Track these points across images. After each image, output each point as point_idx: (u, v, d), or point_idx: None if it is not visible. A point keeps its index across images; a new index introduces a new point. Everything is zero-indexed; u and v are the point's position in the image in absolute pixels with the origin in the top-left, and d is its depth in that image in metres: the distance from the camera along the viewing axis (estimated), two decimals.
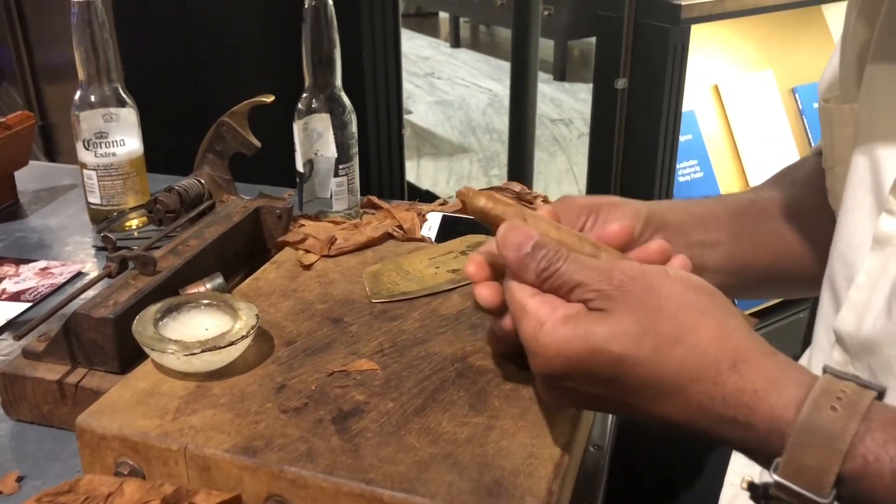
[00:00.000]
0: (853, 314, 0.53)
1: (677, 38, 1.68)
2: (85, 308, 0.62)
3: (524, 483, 0.48)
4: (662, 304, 0.45)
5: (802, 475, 0.40)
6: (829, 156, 0.62)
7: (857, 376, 0.43)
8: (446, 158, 3.67)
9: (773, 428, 0.42)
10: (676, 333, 0.44)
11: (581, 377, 0.46)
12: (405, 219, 0.83)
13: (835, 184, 0.61)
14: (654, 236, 0.61)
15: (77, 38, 0.88)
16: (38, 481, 0.57)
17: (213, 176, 0.89)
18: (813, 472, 0.40)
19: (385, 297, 0.68)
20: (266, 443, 0.51)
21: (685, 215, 0.65)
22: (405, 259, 0.75)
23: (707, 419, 0.44)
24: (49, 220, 1.00)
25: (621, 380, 0.45)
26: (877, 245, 0.51)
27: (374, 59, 1.85)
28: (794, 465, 0.41)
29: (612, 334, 0.45)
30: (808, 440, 0.40)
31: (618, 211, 0.60)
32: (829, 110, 0.60)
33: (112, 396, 0.55)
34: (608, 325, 0.45)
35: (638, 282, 0.46)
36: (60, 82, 2.04)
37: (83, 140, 0.91)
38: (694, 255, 0.62)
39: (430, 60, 5.20)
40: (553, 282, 0.48)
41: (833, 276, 0.57)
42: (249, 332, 0.58)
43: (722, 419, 0.43)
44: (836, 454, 0.40)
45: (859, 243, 0.53)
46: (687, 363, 0.44)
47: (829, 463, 0.40)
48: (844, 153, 0.58)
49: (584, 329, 0.45)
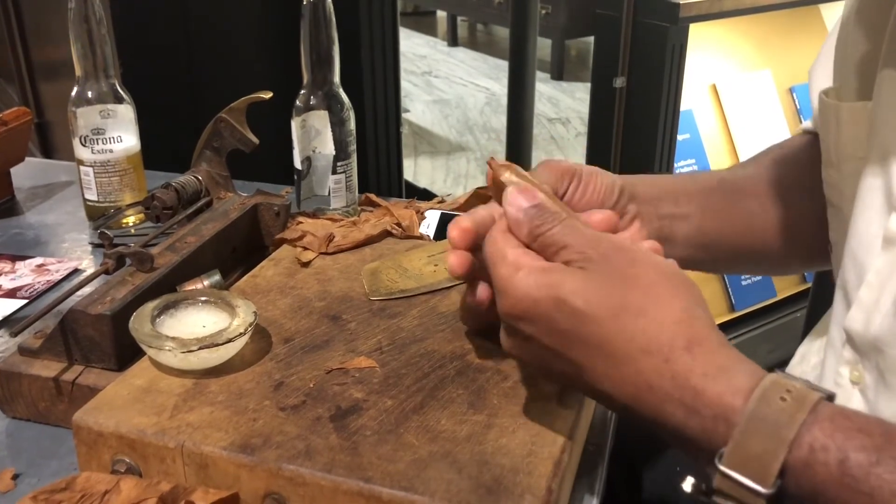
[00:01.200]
0: (862, 313, 0.53)
1: (675, 37, 1.68)
2: (82, 304, 0.61)
3: (523, 481, 0.47)
4: (639, 277, 0.46)
5: (748, 465, 0.40)
6: (832, 152, 0.61)
7: (808, 381, 0.43)
8: (443, 157, 3.66)
9: (719, 415, 0.42)
10: (642, 305, 0.45)
11: (541, 323, 0.47)
12: (404, 216, 0.83)
13: (840, 181, 0.61)
14: (627, 206, 0.62)
15: (74, 34, 0.88)
16: (34, 479, 0.57)
17: (210, 173, 0.89)
18: (759, 460, 0.40)
19: (383, 295, 0.68)
20: (264, 440, 0.50)
21: (657, 188, 0.66)
22: (404, 256, 0.75)
23: (653, 396, 0.44)
24: (45, 216, 0.99)
25: (577, 335, 0.45)
26: (887, 245, 0.51)
27: (373, 57, 1.85)
28: (739, 454, 0.40)
29: (580, 289, 0.46)
30: (755, 427, 0.40)
31: (596, 178, 0.61)
32: (837, 107, 0.59)
33: (109, 393, 0.55)
34: (579, 282, 0.46)
35: (623, 254, 0.47)
36: (57, 79, 2.03)
37: (80, 136, 0.91)
38: (664, 226, 0.64)
39: (427, 59, 5.20)
40: (543, 240, 0.49)
41: (845, 274, 0.57)
42: (247, 329, 0.58)
43: (668, 398, 0.43)
44: (782, 443, 0.39)
45: (870, 243, 0.53)
46: (644, 334, 0.44)
47: (776, 451, 0.39)
48: (854, 151, 0.58)
49: (556, 279, 0.46)
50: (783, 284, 2.24)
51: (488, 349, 0.60)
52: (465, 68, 4.99)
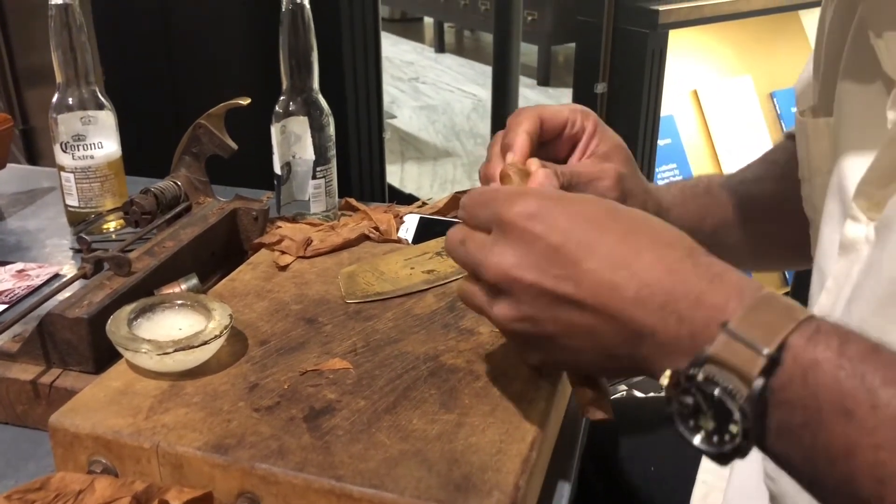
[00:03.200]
0: None
1: (655, 42, 1.70)
2: (59, 308, 0.62)
3: (492, 478, 0.48)
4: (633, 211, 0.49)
5: (752, 330, 0.39)
6: (805, 167, 0.63)
7: None
8: (430, 163, 3.67)
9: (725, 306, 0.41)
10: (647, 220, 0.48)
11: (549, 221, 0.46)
12: (382, 220, 0.84)
13: (812, 194, 0.62)
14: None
15: (55, 41, 0.88)
16: (12, 481, 0.57)
17: (189, 178, 0.89)
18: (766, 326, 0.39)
19: (359, 298, 0.69)
20: (238, 441, 0.51)
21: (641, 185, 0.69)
22: (381, 260, 0.76)
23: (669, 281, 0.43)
24: (27, 222, 1.00)
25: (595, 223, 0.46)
26: (843, 251, 0.53)
27: (355, 62, 1.85)
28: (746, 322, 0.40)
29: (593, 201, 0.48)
30: (766, 303, 0.40)
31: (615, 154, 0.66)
32: (805, 123, 0.62)
33: (85, 396, 0.55)
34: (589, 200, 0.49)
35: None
36: (42, 86, 2.03)
37: (61, 143, 0.91)
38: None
39: (414, 65, 5.21)
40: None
41: (812, 284, 0.59)
42: (223, 331, 0.58)
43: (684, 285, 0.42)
44: (791, 318, 0.39)
45: (830, 251, 0.55)
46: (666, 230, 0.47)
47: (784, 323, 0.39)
48: (821, 165, 0.60)
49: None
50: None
51: (461, 350, 0.61)
52: (452, 74, 5.01)
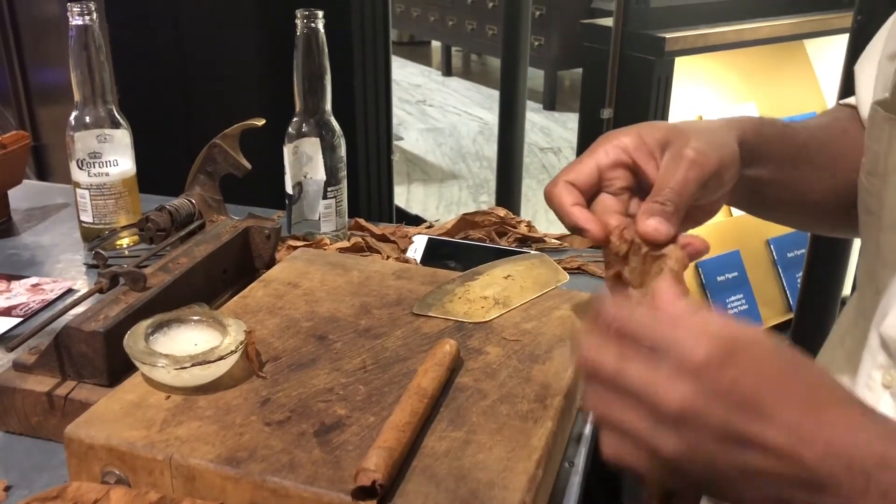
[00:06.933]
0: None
1: (661, 69, 1.72)
2: (76, 322, 0.63)
3: (499, 495, 0.49)
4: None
5: None
6: (880, 162, 0.61)
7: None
8: (436, 185, 3.70)
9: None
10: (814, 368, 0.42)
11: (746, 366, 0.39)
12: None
13: (884, 191, 0.61)
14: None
15: (74, 61, 0.90)
16: (26, 491, 0.58)
17: (203, 196, 0.91)
18: None
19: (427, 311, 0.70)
20: (249, 454, 0.52)
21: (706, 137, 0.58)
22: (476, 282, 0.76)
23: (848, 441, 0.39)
24: (41, 237, 1.01)
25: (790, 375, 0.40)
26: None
27: (365, 85, 1.88)
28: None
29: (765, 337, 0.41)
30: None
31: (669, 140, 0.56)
32: (891, 121, 0.59)
33: (100, 408, 0.57)
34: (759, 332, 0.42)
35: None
36: (53, 104, 2.06)
37: (77, 160, 0.93)
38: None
39: (422, 88, 5.25)
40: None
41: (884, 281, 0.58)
42: (238, 347, 0.60)
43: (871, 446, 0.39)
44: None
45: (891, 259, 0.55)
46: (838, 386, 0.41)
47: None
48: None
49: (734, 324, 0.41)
50: (769, 313, 2.27)
51: (469, 369, 0.62)
52: (459, 97, 5.05)
